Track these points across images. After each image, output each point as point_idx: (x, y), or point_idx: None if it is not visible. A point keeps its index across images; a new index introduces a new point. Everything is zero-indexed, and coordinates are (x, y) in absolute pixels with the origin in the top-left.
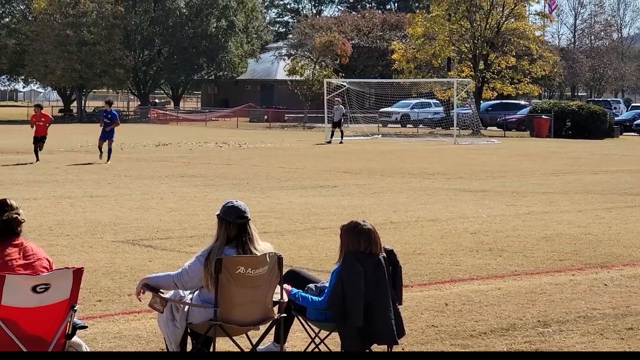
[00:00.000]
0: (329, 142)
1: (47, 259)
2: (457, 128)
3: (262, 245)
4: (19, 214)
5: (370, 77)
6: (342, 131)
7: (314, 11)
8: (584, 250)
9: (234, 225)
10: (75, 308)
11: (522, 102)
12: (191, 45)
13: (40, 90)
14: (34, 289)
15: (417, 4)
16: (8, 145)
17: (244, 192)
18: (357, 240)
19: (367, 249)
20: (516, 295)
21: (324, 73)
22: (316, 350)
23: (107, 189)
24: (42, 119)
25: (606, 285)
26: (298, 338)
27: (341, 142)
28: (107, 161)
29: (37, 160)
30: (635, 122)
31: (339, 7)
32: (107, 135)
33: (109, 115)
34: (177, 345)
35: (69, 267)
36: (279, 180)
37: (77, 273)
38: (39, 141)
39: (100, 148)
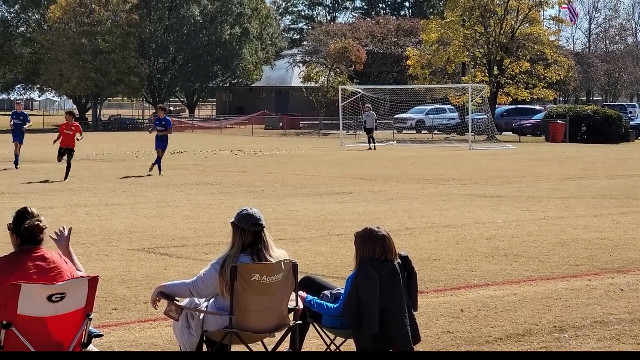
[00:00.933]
0: (372, 149)
1: (70, 272)
2: (473, 134)
3: (278, 253)
4: (40, 221)
5: (385, 84)
6: (374, 138)
7: (329, 18)
8: (600, 255)
9: (249, 233)
10: (91, 317)
11: (538, 107)
12: (206, 53)
13: (55, 99)
14: (49, 298)
15: (431, 10)
16: (24, 154)
17: (260, 199)
18: (372, 247)
19: (382, 255)
20: (532, 301)
21: (339, 80)
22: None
23: (123, 198)
24: (72, 128)
25: (622, 290)
26: (314, 345)
27: (371, 149)
28: (158, 172)
29: (66, 179)
30: None
31: (353, 13)
32: (161, 144)
33: (163, 122)
34: None
35: (84, 276)
36: (295, 188)
37: (93, 282)
38: (63, 154)
39: (159, 163)
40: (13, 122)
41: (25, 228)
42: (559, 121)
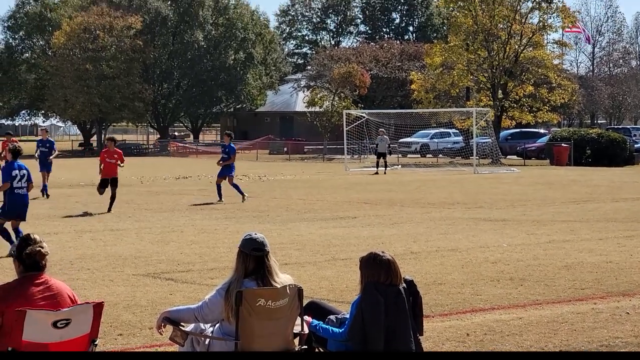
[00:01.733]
0: (378, 173)
1: (72, 298)
2: (477, 157)
3: (282, 277)
4: (42, 247)
5: (389, 108)
6: (386, 162)
7: (332, 42)
8: (605, 278)
9: (251, 257)
10: (96, 342)
11: (542, 131)
12: (210, 78)
13: (60, 124)
14: (54, 324)
15: (435, 34)
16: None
17: (264, 224)
18: (377, 271)
19: (387, 279)
20: (538, 325)
21: (343, 104)
22: None
23: (128, 223)
24: (115, 156)
25: (628, 313)
26: None
27: (377, 173)
28: (243, 199)
29: (109, 210)
30: None
31: (357, 38)
32: (225, 171)
33: (227, 149)
34: None
35: (89, 302)
36: (299, 212)
37: (98, 308)
38: (106, 185)
39: (219, 187)
40: (39, 150)
41: (27, 254)
42: (563, 144)
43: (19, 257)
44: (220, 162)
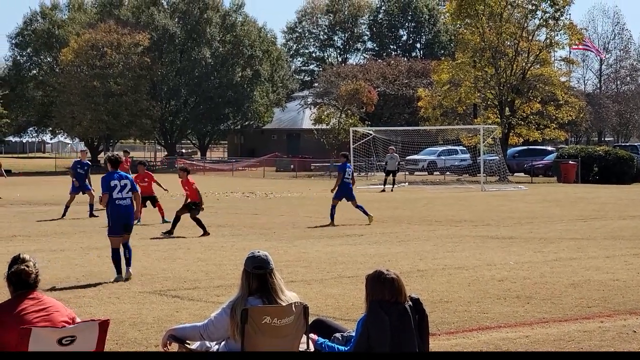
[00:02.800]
0: (384, 190)
1: (68, 313)
2: (484, 175)
3: (288, 295)
4: (27, 266)
5: (396, 125)
6: (394, 180)
7: (339, 59)
8: (612, 296)
9: (253, 275)
10: None
11: (549, 148)
12: (217, 95)
13: (67, 141)
14: (59, 341)
15: (442, 51)
16: (36, 197)
17: (271, 241)
18: (382, 289)
19: (392, 297)
20: (544, 343)
21: (350, 121)
22: None
23: (135, 240)
24: (146, 180)
25: (635, 332)
26: None
27: (390, 190)
28: (370, 221)
29: (166, 225)
30: None
31: (364, 55)
32: (343, 193)
33: (347, 169)
34: None
35: (94, 319)
36: (306, 230)
37: (103, 325)
38: (144, 204)
39: (363, 209)
40: (75, 171)
41: (12, 273)
42: (570, 162)
43: (8, 277)
44: (350, 186)
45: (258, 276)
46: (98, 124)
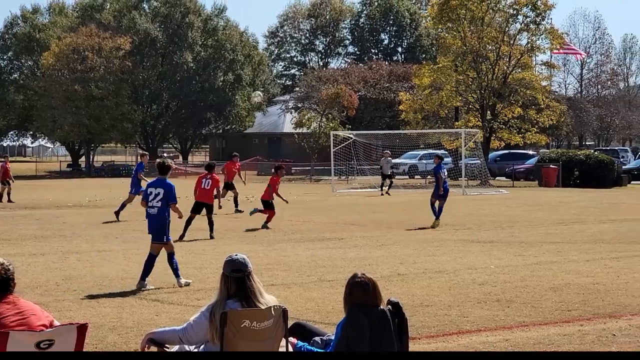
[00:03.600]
0: (383, 194)
1: (45, 317)
2: (466, 178)
3: (267, 298)
4: (2, 270)
5: (377, 129)
6: (391, 182)
7: (321, 63)
8: (592, 300)
9: (232, 279)
10: None
11: (530, 152)
12: (199, 99)
13: (48, 145)
14: (37, 345)
15: (423, 55)
16: (18, 201)
17: (252, 245)
18: (358, 293)
19: (369, 301)
20: (524, 347)
21: (331, 125)
22: None
23: (115, 244)
24: (210, 182)
25: (614, 335)
26: None
27: (383, 194)
28: (434, 226)
29: (211, 237)
30: None
31: (345, 59)
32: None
33: (442, 170)
34: None
35: (73, 323)
36: (286, 233)
37: (82, 329)
38: (199, 209)
39: (437, 211)
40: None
41: None
42: (551, 166)
43: None
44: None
45: (236, 280)
46: (79, 128)
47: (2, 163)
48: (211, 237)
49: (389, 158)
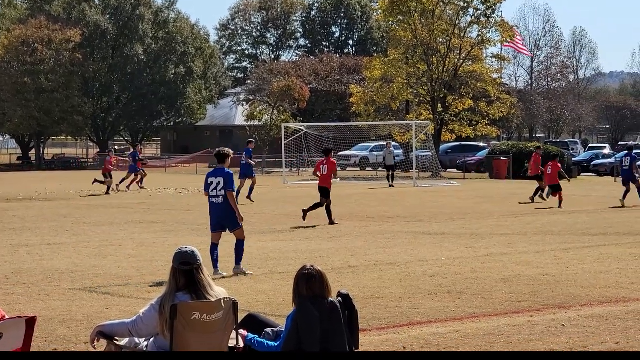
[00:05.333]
0: (392, 185)
1: None
2: (417, 170)
3: (217, 290)
4: None
5: (328, 121)
6: (393, 174)
7: (272, 56)
8: (542, 291)
9: (180, 272)
10: None
11: (481, 144)
12: (150, 92)
13: None
14: None
15: (374, 48)
16: None
17: (203, 237)
18: (306, 285)
19: (318, 292)
20: (474, 338)
21: (282, 118)
22: None
23: (65, 237)
24: (327, 166)
25: (564, 325)
26: None
27: (392, 185)
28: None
29: (331, 222)
30: (592, 163)
31: (297, 52)
32: None
33: None
34: None
35: (21, 316)
36: None
37: (30, 322)
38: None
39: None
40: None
41: None
42: (502, 158)
43: None
44: None
45: (185, 272)
46: (29, 121)
47: None
48: (332, 223)
49: (392, 148)
